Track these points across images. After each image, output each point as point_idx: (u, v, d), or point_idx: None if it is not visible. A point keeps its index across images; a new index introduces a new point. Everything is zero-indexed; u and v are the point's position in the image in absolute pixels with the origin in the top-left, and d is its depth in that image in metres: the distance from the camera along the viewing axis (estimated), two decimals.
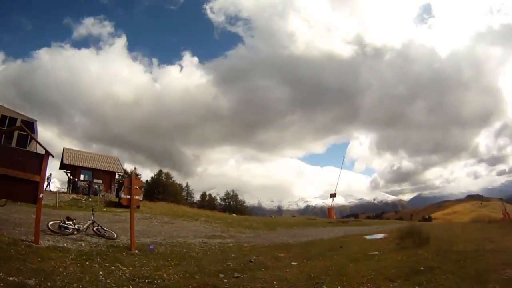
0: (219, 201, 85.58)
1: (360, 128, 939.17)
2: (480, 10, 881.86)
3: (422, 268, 7.75)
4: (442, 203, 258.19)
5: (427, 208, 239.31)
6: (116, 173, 38.24)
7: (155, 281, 6.96)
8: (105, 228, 12.18)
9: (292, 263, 9.89)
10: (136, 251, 9.93)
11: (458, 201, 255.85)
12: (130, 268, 7.87)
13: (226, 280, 7.54)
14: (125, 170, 47.91)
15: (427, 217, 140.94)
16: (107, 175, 36.34)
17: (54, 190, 31.47)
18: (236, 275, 8.08)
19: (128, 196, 11.14)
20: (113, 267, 7.66)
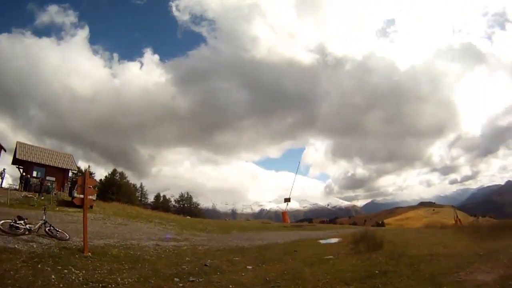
0: (173, 203, 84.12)
1: (317, 134, 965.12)
2: (442, 28, 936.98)
3: (377, 271, 8.26)
4: (395, 209, 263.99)
5: (380, 214, 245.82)
6: (70, 170, 36.38)
7: (109, 285, 7.01)
8: (57, 229, 11.82)
9: (248, 267, 10.20)
10: (89, 253, 9.77)
11: (411, 207, 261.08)
12: (83, 271, 7.80)
13: (181, 284, 7.72)
14: (78, 168, 45.77)
15: (380, 222, 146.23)
16: (60, 173, 34.51)
17: (6, 187, 29.66)
18: (191, 279, 8.27)
19: (81, 196, 10.96)
20: (65, 271, 7.58)
